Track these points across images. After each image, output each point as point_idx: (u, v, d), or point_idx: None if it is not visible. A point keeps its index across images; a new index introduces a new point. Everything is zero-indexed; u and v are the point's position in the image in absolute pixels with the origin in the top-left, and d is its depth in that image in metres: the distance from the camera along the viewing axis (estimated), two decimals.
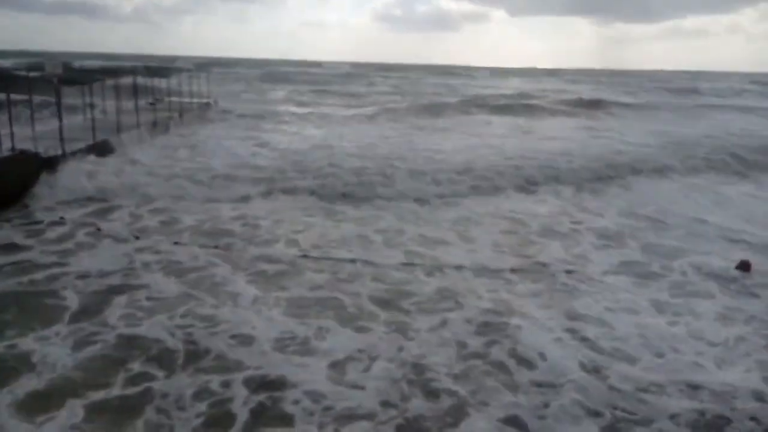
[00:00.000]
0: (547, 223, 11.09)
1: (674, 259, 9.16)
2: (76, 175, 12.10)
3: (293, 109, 29.65)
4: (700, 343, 6.33)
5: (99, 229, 9.55)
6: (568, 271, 8.52)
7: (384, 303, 7.20)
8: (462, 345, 6.13)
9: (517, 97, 39.83)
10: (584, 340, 6.32)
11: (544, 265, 8.82)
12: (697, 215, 11.85)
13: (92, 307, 6.72)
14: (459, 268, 8.52)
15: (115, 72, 18.61)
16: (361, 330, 6.42)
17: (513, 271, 8.49)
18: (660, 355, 6.06)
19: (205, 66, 37.30)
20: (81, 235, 9.26)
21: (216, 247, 9.02)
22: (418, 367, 5.63)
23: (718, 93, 54.32)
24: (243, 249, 8.98)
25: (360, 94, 41.69)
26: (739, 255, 9.24)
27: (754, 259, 8.98)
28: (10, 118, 11.78)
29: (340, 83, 50.23)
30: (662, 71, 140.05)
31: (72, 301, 6.88)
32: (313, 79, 52.96)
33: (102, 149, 14.07)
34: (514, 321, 6.67)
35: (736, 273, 8.55)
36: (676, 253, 9.44)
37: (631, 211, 12.13)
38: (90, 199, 11.29)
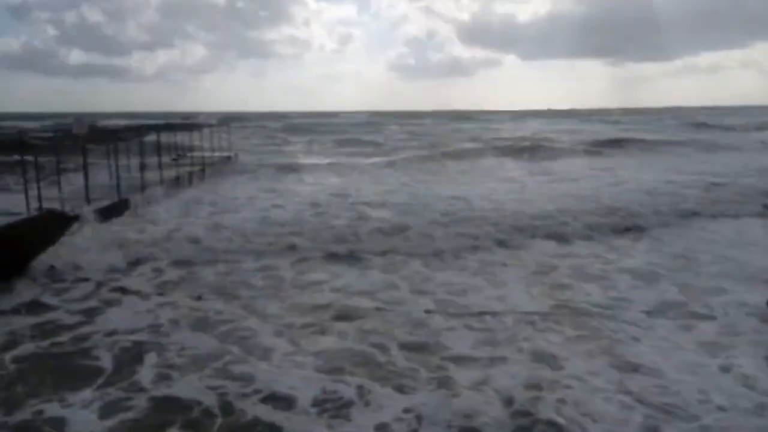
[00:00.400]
0: (578, 264, 10.75)
1: (712, 297, 8.76)
2: (100, 234, 12.14)
3: (313, 160, 29.84)
4: (754, 393, 5.90)
5: (122, 288, 9.47)
6: (608, 315, 8.15)
7: (420, 356, 6.88)
8: (508, 402, 5.78)
9: (536, 139, 39.87)
10: (636, 394, 5.90)
11: (581, 308, 8.45)
12: (728, 254, 11.36)
13: (122, 368, 6.54)
14: (494, 314, 8.21)
15: (138, 130, 18.93)
16: (402, 388, 6.09)
17: (550, 316, 8.13)
18: (721, 409, 5.65)
19: (225, 120, 38.07)
20: (105, 293, 9.17)
21: (238, 299, 8.87)
22: (467, 430, 5.31)
23: (739, 127, 53.88)
24: (267, 302, 8.79)
25: (378, 142, 41.99)
26: None
27: None
28: (37, 179, 11.92)
29: (358, 132, 50.76)
30: (679, 108, 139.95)
31: (102, 361, 6.72)
32: (332, 129, 54.01)
33: (124, 207, 14.19)
34: (560, 374, 6.32)
35: None
36: (713, 292, 9.03)
37: (662, 250, 11.74)
38: (113, 257, 11.25)
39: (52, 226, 11.45)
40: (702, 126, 58.53)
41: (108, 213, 13.21)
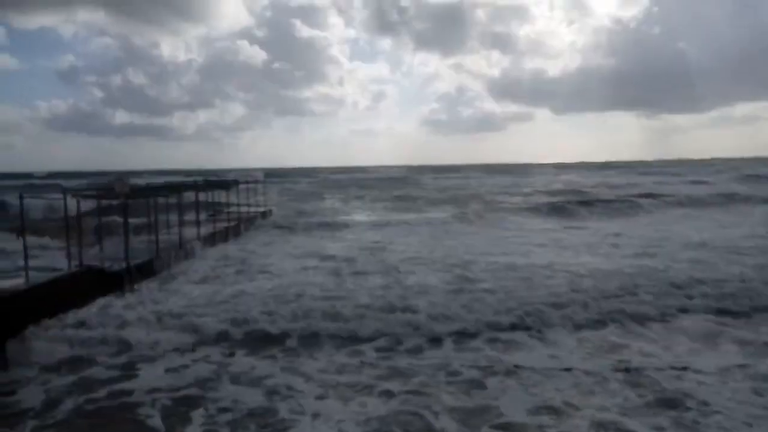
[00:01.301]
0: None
1: None
2: (140, 291, 12.47)
3: (350, 217, 29.92)
4: None
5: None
6: (676, 376, 7.61)
7: (471, 421, 6.54)
8: None
9: (585, 194, 39.08)
10: None
11: (641, 368, 7.94)
12: None
13: (173, 425, 6.61)
14: (546, 372, 7.86)
15: (178, 188, 19.49)
16: None
17: (610, 376, 7.65)
18: None
19: (263, 176, 38.62)
20: (143, 348, 9.25)
21: (273, 356, 8.85)
22: None
23: None
24: (304, 358, 8.75)
25: (413, 196, 40.99)
26: None
27: None
28: (79, 237, 12.38)
29: (393, 187, 50.51)
30: (716, 159, 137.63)
31: (150, 419, 6.78)
32: (367, 184, 53.62)
33: (160, 266, 14.49)
34: None
35: None
36: None
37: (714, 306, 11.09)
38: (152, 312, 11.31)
39: (91, 281, 11.78)
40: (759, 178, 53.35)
41: (144, 271, 13.52)
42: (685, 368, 7.95)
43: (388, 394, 7.33)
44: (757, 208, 30.41)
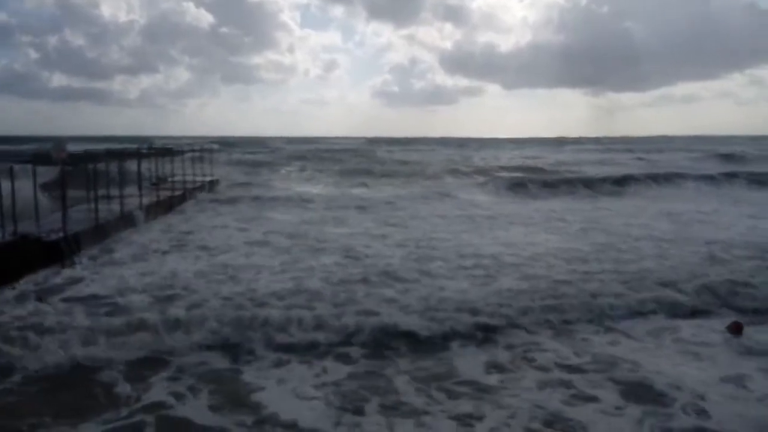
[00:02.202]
0: None
1: None
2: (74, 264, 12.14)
3: (302, 188, 29.54)
4: None
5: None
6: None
7: None
8: None
9: (560, 171, 38.25)
10: None
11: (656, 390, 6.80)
12: None
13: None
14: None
15: (119, 155, 18.91)
16: None
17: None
18: None
19: (209, 145, 37.22)
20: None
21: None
22: None
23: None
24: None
25: (372, 171, 38.00)
26: None
27: None
28: (13, 204, 11.88)
29: (348, 160, 47.66)
30: (663, 137, 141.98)
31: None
32: (320, 156, 51.23)
33: (98, 236, 14.08)
34: None
35: None
36: None
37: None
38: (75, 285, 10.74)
39: (26, 251, 11.39)
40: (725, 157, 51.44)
41: (83, 241, 13.13)
42: None
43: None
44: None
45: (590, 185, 29.29)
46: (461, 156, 57.01)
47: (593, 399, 6.50)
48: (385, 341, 8.20)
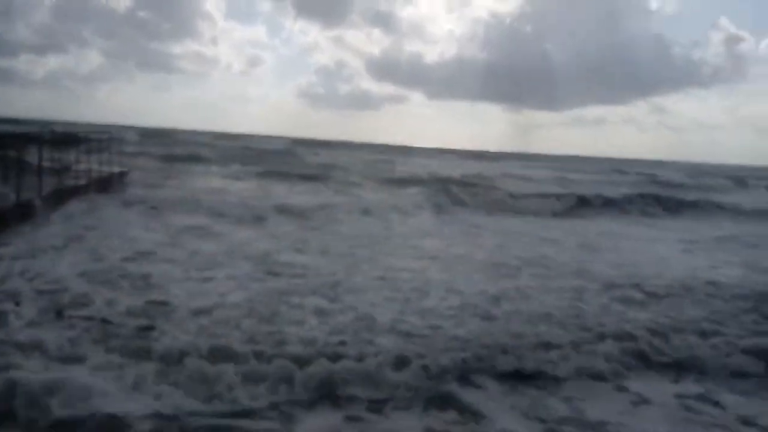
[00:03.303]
0: None
1: None
2: None
3: (221, 185, 28.11)
4: None
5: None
6: None
7: None
8: None
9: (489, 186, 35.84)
10: None
11: None
12: None
13: None
14: None
15: (18, 138, 17.07)
16: None
17: None
18: None
19: (120, 133, 34.14)
20: None
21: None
22: None
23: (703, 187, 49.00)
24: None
25: (306, 174, 35.21)
26: None
27: None
28: None
29: (277, 162, 45.02)
30: (576, 156, 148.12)
31: None
32: (243, 155, 48.40)
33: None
34: None
35: None
36: None
37: None
38: None
39: None
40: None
41: None
42: None
43: None
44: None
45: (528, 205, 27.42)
46: (390, 163, 56.53)
47: None
48: None
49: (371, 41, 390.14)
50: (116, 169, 24.26)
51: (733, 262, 15.47)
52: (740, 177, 64.29)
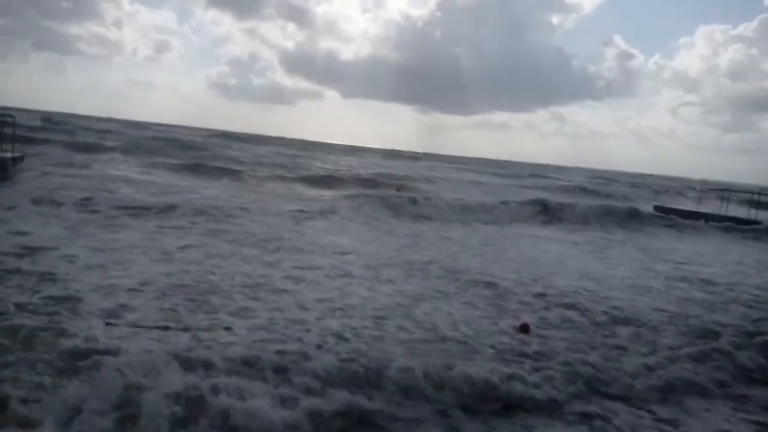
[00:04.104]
0: None
1: None
2: None
3: (127, 174, 26.00)
4: None
5: None
6: None
7: None
8: None
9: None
10: None
11: None
12: None
13: None
14: None
15: None
16: None
17: None
18: None
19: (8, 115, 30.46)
20: None
21: None
22: None
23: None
24: None
25: (227, 170, 32.46)
26: None
27: None
28: None
29: (191, 154, 41.64)
30: (483, 159, 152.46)
31: None
32: (150, 146, 44.35)
33: None
34: None
35: None
36: None
37: None
38: None
39: None
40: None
41: None
42: None
43: None
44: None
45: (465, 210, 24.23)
46: (308, 159, 55.30)
47: None
48: None
49: (286, 35, 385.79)
50: (8, 154, 21.85)
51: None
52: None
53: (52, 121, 60.39)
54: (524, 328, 8.30)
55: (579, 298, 10.47)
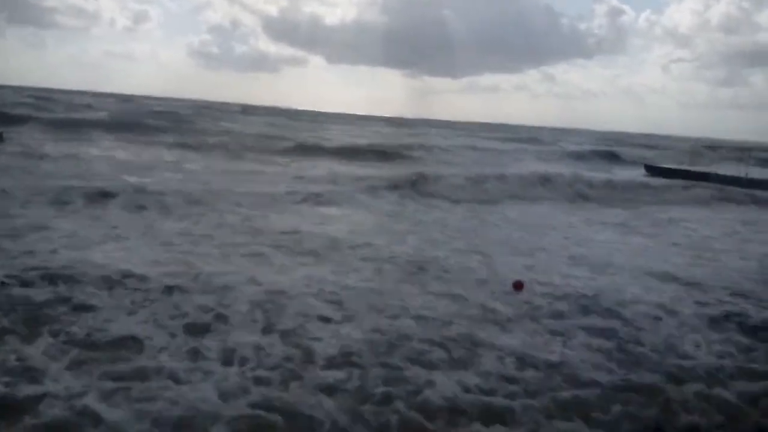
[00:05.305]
0: None
1: None
2: None
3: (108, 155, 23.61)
4: None
5: None
6: None
7: None
8: None
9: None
10: None
11: None
12: None
13: None
14: None
15: None
16: None
17: None
18: None
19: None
20: None
21: None
22: None
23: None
24: None
25: (227, 149, 29.77)
26: None
27: None
28: None
29: (179, 129, 38.50)
30: (479, 123, 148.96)
31: None
32: (139, 123, 39.42)
33: None
34: None
35: None
36: None
37: None
38: None
39: None
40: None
41: None
42: None
43: None
44: None
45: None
46: (311, 132, 51.17)
47: None
48: None
49: (267, 0, 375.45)
50: None
51: None
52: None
53: (33, 97, 56.90)
54: (518, 286, 8.06)
55: None
